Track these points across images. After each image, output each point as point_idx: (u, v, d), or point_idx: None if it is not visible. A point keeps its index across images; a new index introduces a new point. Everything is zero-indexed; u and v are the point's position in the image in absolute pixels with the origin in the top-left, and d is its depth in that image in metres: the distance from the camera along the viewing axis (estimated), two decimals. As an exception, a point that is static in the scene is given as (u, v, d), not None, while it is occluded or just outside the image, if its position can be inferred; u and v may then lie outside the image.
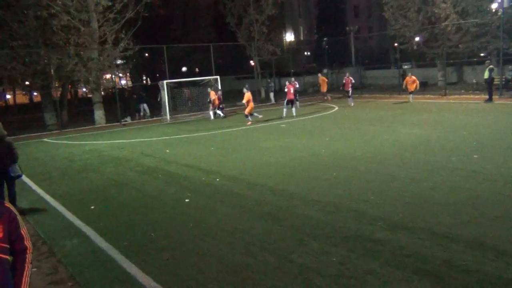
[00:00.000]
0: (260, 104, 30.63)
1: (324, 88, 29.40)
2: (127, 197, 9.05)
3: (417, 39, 31.53)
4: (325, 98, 29.16)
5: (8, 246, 3.00)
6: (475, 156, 10.23)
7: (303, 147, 13.03)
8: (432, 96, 26.65)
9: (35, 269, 5.87)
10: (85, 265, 5.84)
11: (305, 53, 60.08)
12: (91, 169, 12.28)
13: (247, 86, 20.41)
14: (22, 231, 3.13)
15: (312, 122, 18.16)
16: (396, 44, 32.68)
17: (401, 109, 20.90)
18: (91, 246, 6.52)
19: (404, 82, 25.02)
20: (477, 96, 24.50)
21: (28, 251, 3.16)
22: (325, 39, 39.48)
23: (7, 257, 3.00)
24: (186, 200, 8.44)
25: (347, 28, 48.26)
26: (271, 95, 31.92)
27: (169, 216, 7.63)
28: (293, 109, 21.40)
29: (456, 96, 25.83)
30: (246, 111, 19.69)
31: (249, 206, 7.80)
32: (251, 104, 19.63)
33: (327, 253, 5.56)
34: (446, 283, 4.62)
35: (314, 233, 6.25)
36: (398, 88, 29.11)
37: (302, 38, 67.91)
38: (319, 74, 30.50)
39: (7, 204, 3.13)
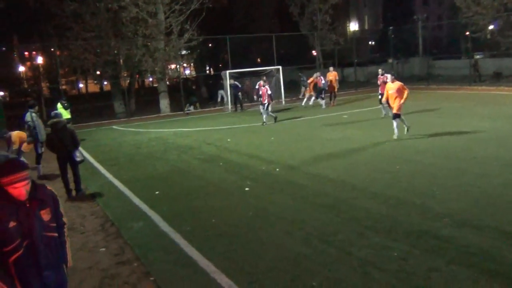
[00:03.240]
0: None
1: (332, 87, 22.29)
2: (189, 184, 9.31)
3: (491, 27, 29.67)
4: (332, 103, 22.33)
5: (55, 224, 3.36)
6: (553, 152, 9.53)
7: (365, 138, 12.73)
8: (506, 88, 24.99)
9: (103, 249, 6.22)
10: (150, 247, 6.10)
11: (370, 42, 58.47)
12: (156, 156, 12.74)
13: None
14: (61, 210, 3.53)
15: (375, 113, 17.67)
16: (467, 33, 30.95)
17: (472, 101, 19.82)
18: (155, 229, 6.79)
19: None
20: (557, 88, 22.72)
21: (65, 226, 3.57)
22: (390, 28, 38.15)
23: (56, 234, 3.36)
24: (246, 189, 8.55)
25: (415, 17, 46.34)
26: (303, 89, 30.10)
27: (229, 203, 7.77)
28: (264, 116, 17.49)
29: (533, 88, 24.11)
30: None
31: (308, 196, 7.77)
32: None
33: (388, 247, 5.43)
34: (517, 285, 4.37)
35: (375, 227, 6.12)
36: (469, 79, 27.64)
37: (366, 27, 66.12)
38: (331, 68, 23.14)
39: (49, 187, 3.47)
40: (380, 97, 15.79)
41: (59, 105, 16.01)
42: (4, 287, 2.95)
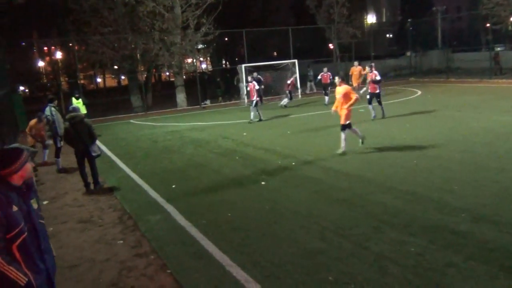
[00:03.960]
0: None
1: (355, 82, 21.15)
2: (205, 178, 9.36)
3: (512, 18, 29.05)
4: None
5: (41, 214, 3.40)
6: None
7: (381, 133, 12.62)
8: (528, 81, 24.52)
9: (121, 242, 6.31)
10: (166, 240, 6.16)
11: (387, 35, 57.72)
12: (173, 150, 12.83)
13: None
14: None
15: (392, 108, 17.49)
16: (488, 25, 30.33)
17: (492, 94, 19.46)
18: (172, 223, 6.86)
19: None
20: None
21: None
22: (409, 20, 37.59)
23: (44, 222, 3.40)
24: (262, 183, 8.57)
25: (434, 8, 45.57)
26: (309, 84, 28.44)
27: (245, 197, 7.80)
28: (251, 114, 17.06)
29: (556, 81, 23.56)
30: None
31: (324, 191, 7.75)
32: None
33: (405, 242, 5.39)
34: (536, 282, 4.30)
35: (391, 222, 6.08)
36: (489, 72, 27.12)
37: (384, 19, 65.28)
38: (355, 63, 21.89)
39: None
40: (368, 97, 15.37)
41: (73, 100, 16.17)
42: (15, 271, 2.98)
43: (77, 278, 5.32)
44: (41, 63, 52.89)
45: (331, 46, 36.14)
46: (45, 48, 53.63)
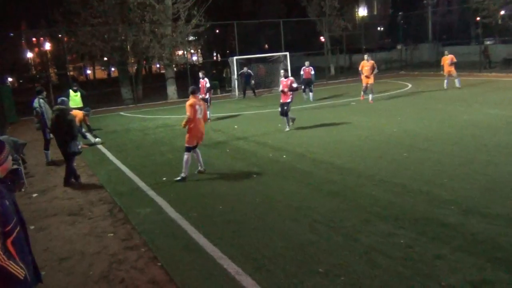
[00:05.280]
0: (330, 81, 30.14)
1: (366, 79, 17.71)
2: (196, 170, 9.33)
3: (502, 12, 29.19)
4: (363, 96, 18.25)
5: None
6: None
7: (372, 126, 12.68)
8: (517, 74, 24.73)
9: (111, 235, 6.28)
10: (157, 233, 6.15)
11: (379, 28, 57.80)
12: (163, 142, 12.78)
13: None
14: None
15: (383, 101, 17.56)
16: (478, 18, 30.49)
17: (482, 88, 19.61)
18: (162, 215, 6.84)
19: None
20: None
21: None
22: (400, 13, 37.66)
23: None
24: (253, 176, 8.57)
25: (424, 2, 45.68)
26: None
27: (236, 190, 7.80)
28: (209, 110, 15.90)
29: (545, 75, 23.77)
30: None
31: (315, 183, 7.77)
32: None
33: (395, 235, 5.43)
34: (523, 273, 4.36)
35: (382, 214, 6.12)
36: (479, 65, 27.28)
37: (375, 12, 65.28)
38: (366, 56, 18.28)
39: None
40: (279, 108, 13.09)
41: (71, 92, 15.72)
42: (15, 265, 2.95)
43: (67, 270, 5.29)
44: (29, 54, 52.27)
45: (322, 39, 36.11)
46: (34, 39, 53.00)
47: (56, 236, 6.44)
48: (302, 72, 20.04)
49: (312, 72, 19.56)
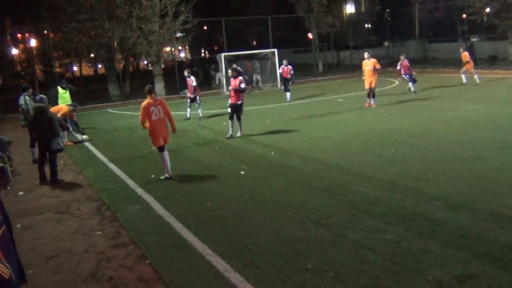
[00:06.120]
0: (318, 78, 30.21)
1: (369, 82, 15.59)
2: (184, 168, 9.32)
3: (487, 9, 29.52)
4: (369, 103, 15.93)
5: None
6: (547, 136, 9.58)
7: (360, 122, 12.75)
8: (501, 71, 25.02)
9: (99, 232, 6.24)
10: (145, 231, 6.12)
11: (366, 25, 58.09)
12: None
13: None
14: None
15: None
16: (464, 16, 30.81)
17: (467, 85, 19.82)
18: (150, 213, 6.82)
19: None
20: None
21: None
22: (387, 10, 37.87)
23: None
24: (242, 172, 8.57)
25: (411, -1, 46.07)
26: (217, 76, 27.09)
27: (225, 187, 7.80)
28: (199, 108, 16.01)
29: (529, 72, 24.11)
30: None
31: (304, 180, 7.81)
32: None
33: (382, 230, 5.48)
34: (507, 267, 4.43)
35: (369, 210, 6.17)
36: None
37: (363, 9, 65.57)
38: (366, 54, 16.23)
39: None
40: (229, 110, 12.39)
41: (60, 90, 15.27)
42: (1, 266, 2.90)
43: (55, 269, 5.25)
44: (14, 51, 51.52)
45: (310, 35, 36.18)
46: (19, 35, 52.20)
47: (43, 234, 6.38)
48: (280, 71, 19.61)
49: (291, 72, 18.58)
